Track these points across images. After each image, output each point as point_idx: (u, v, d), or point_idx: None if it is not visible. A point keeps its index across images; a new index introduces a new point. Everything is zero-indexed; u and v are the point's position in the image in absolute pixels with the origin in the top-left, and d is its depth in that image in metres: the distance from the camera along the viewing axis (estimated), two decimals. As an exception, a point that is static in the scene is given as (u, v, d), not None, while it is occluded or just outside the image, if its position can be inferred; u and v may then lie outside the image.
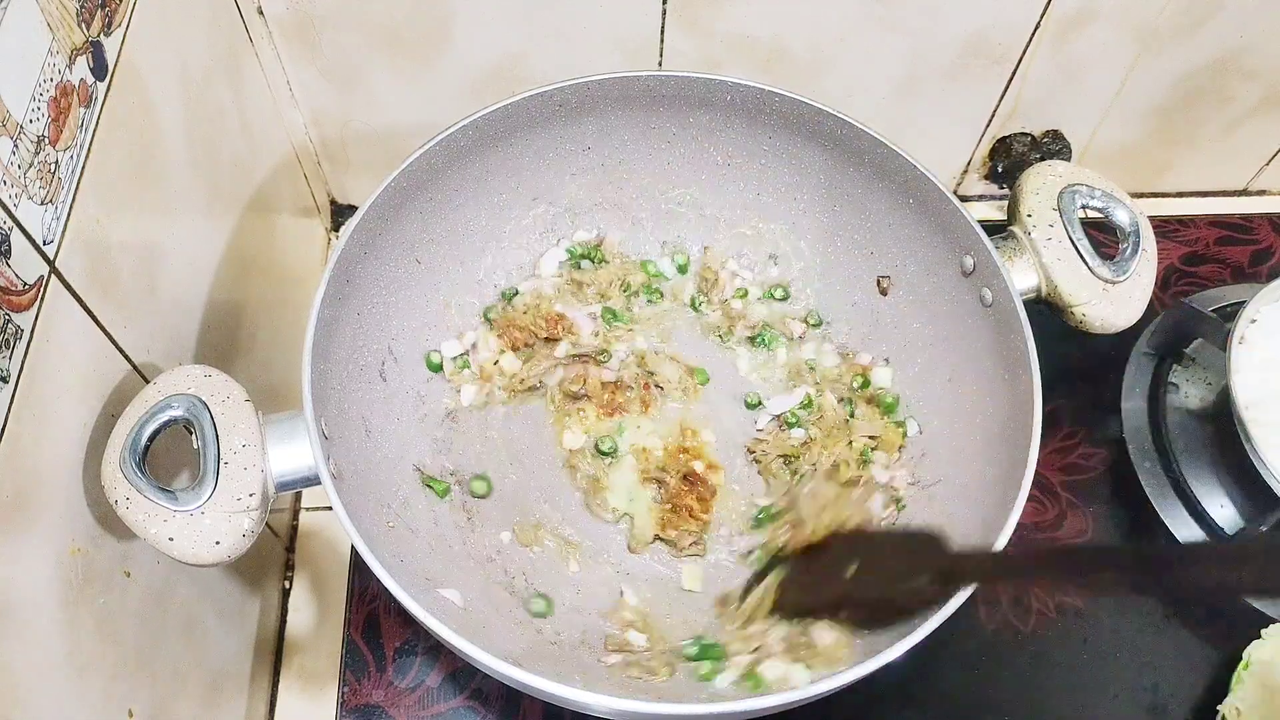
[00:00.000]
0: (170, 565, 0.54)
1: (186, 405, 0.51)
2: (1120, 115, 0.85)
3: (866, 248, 0.71)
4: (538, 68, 0.75)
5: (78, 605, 0.46)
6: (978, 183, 0.93)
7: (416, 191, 0.64)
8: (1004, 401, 0.60)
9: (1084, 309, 0.63)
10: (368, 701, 0.67)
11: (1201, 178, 0.94)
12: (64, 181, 0.45)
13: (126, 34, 0.51)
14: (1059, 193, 0.64)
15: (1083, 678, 0.69)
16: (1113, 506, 0.76)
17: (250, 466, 0.50)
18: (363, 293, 0.62)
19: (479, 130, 0.64)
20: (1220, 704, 0.66)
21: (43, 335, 0.43)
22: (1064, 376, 0.67)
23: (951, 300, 0.66)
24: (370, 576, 0.50)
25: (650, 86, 0.67)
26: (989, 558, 0.54)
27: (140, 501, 0.47)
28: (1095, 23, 0.76)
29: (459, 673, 0.68)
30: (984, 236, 0.62)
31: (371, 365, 0.64)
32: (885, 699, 0.68)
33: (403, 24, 0.71)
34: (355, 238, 0.59)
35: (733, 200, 0.74)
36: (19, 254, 0.41)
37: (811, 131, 0.67)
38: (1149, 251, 0.64)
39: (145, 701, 0.52)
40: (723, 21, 0.73)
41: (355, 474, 0.58)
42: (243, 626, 0.66)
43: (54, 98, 0.44)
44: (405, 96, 0.77)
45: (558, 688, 0.48)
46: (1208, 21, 0.77)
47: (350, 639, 0.69)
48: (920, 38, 0.76)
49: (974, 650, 0.70)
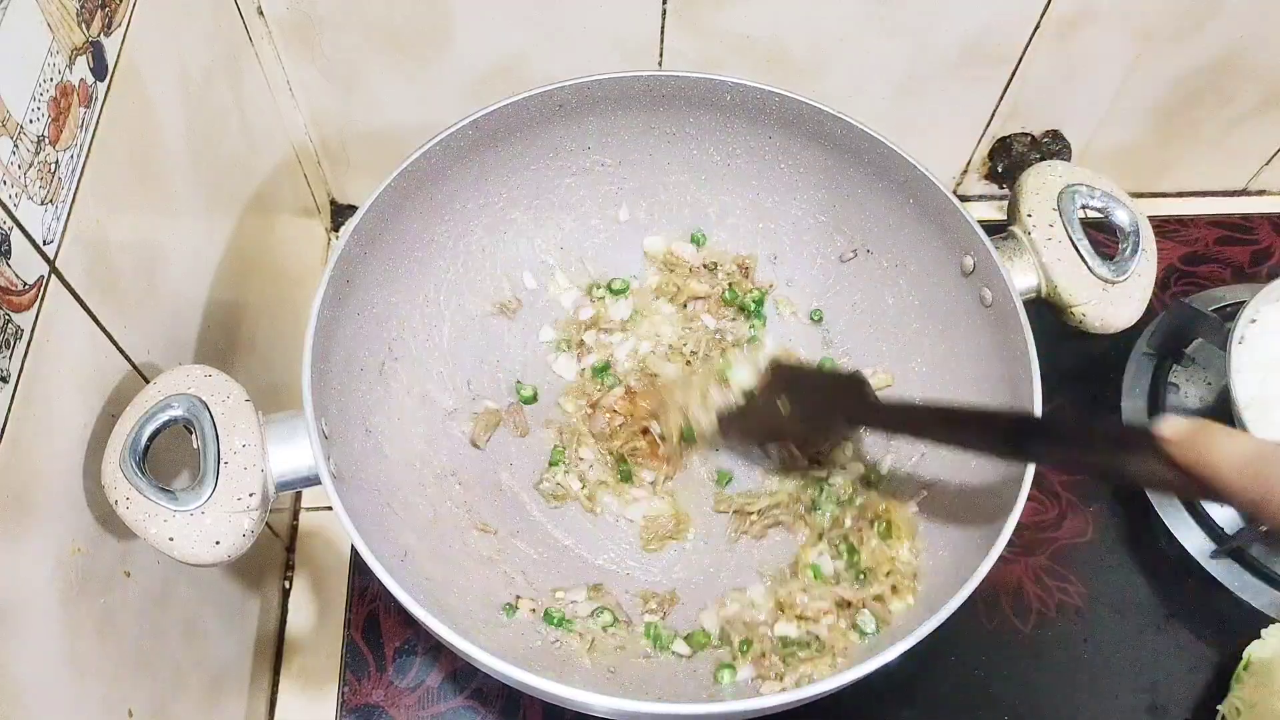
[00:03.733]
0: (170, 565, 0.54)
1: (186, 405, 0.51)
2: (1120, 115, 0.85)
3: (866, 247, 0.71)
4: (538, 68, 0.75)
5: (78, 605, 0.46)
6: (978, 183, 0.93)
7: (416, 191, 0.64)
8: (1004, 401, 0.60)
9: (1084, 309, 0.63)
10: (368, 701, 0.67)
11: (1201, 178, 0.94)
12: (64, 181, 0.45)
13: (126, 34, 0.51)
14: (1059, 193, 0.64)
15: (1083, 678, 0.69)
16: (1113, 506, 0.76)
17: (250, 466, 0.50)
18: (363, 293, 0.62)
19: (479, 130, 0.64)
20: (1220, 704, 0.66)
21: (43, 335, 0.43)
22: (1064, 376, 0.67)
23: (951, 300, 0.66)
24: (370, 576, 0.50)
25: (650, 86, 0.67)
26: (896, 409, 0.65)
27: (140, 501, 0.47)
28: (1095, 23, 0.76)
29: (459, 673, 0.68)
30: (984, 236, 0.62)
31: (371, 365, 0.64)
32: (885, 699, 0.68)
33: (403, 24, 0.71)
34: (355, 238, 0.59)
35: (733, 200, 0.74)
36: (19, 254, 0.41)
37: (811, 131, 0.67)
38: (1149, 251, 0.64)
39: (145, 701, 0.52)
40: (723, 21, 0.73)
41: (355, 474, 0.58)
42: (243, 626, 0.66)
43: (54, 98, 0.44)
44: (405, 96, 0.77)
45: (558, 688, 0.48)
46: (1208, 21, 0.77)
47: (350, 639, 0.69)
48: (920, 38, 0.76)
49: (974, 650, 0.70)
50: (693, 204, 0.75)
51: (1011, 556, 0.73)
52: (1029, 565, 0.73)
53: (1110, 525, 0.75)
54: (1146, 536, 0.74)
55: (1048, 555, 0.74)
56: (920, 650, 0.49)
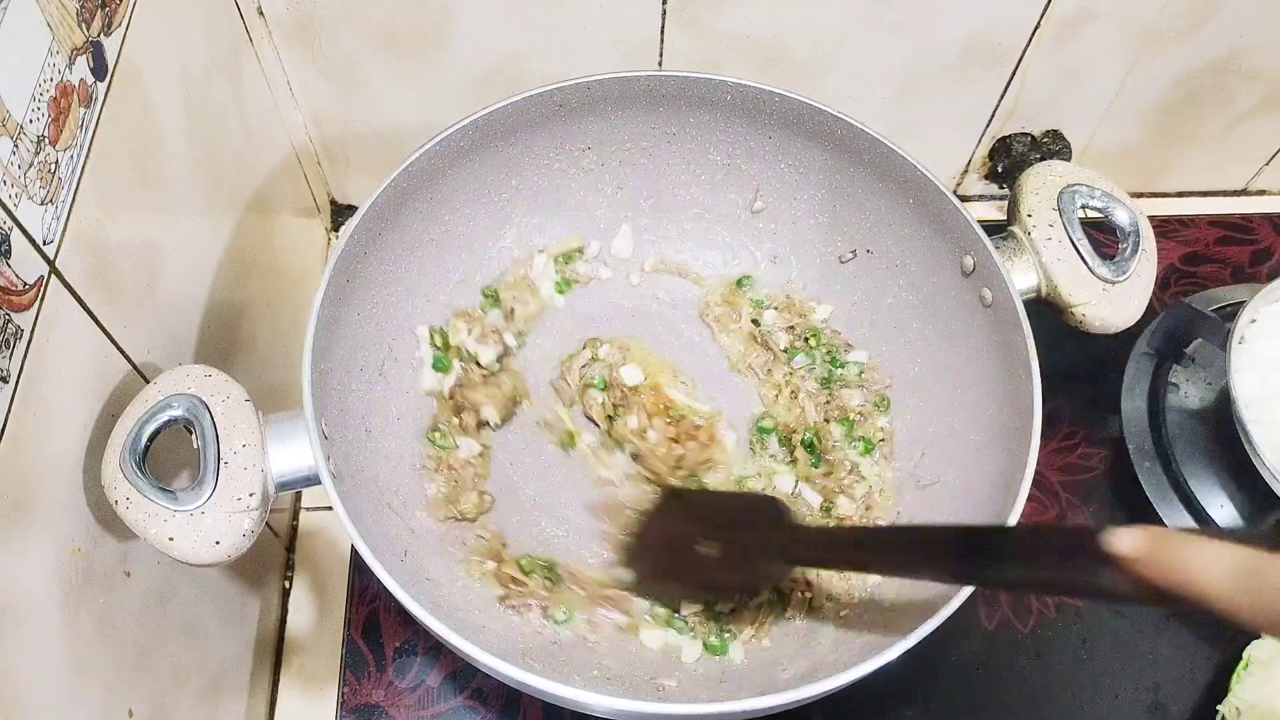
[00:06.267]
0: (170, 565, 0.54)
1: (186, 405, 0.51)
2: (1120, 115, 0.85)
3: (866, 247, 0.71)
4: (538, 68, 0.75)
5: (78, 605, 0.46)
6: (978, 183, 0.93)
7: (416, 191, 0.64)
8: (1004, 401, 0.60)
9: (1084, 309, 0.63)
10: (368, 701, 0.67)
11: (1201, 178, 0.94)
12: (64, 181, 0.45)
13: (126, 34, 0.51)
14: (1059, 193, 0.64)
15: (1083, 678, 0.69)
16: (1113, 506, 0.76)
17: (250, 466, 0.50)
18: (363, 293, 0.62)
19: (479, 130, 0.64)
20: (1220, 704, 0.66)
21: (43, 335, 0.43)
22: (1064, 376, 0.67)
23: (951, 300, 0.66)
24: (370, 576, 0.50)
25: (650, 86, 0.67)
26: (823, 535, 0.61)
27: (140, 501, 0.47)
28: (1095, 23, 0.76)
29: (459, 673, 0.68)
30: (984, 236, 0.62)
31: (371, 365, 0.64)
32: (885, 699, 0.68)
33: (403, 24, 0.71)
34: (355, 238, 0.59)
35: (733, 200, 0.74)
36: (19, 254, 0.41)
37: (811, 131, 0.67)
38: (1149, 251, 0.64)
39: (145, 701, 0.52)
40: (723, 21, 0.73)
41: (355, 474, 0.58)
42: (243, 626, 0.66)
43: (54, 98, 0.44)
44: (405, 96, 0.77)
45: (558, 688, 0.48)
46: (1208, 22, 0.77)
47: (350, 639, 0.69)
48: (920, 38, 0.76)
49: (974, 650, 0.70)
50: (693, 204, 0.75)
51: (1011, 556, 0.73)
52: (1029, 565, 0.73)
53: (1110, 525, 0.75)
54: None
55: (1048, 555, 0.73)
56: (920, 650, 0.49)
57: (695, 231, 0.76)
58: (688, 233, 0.76)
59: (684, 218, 0.76)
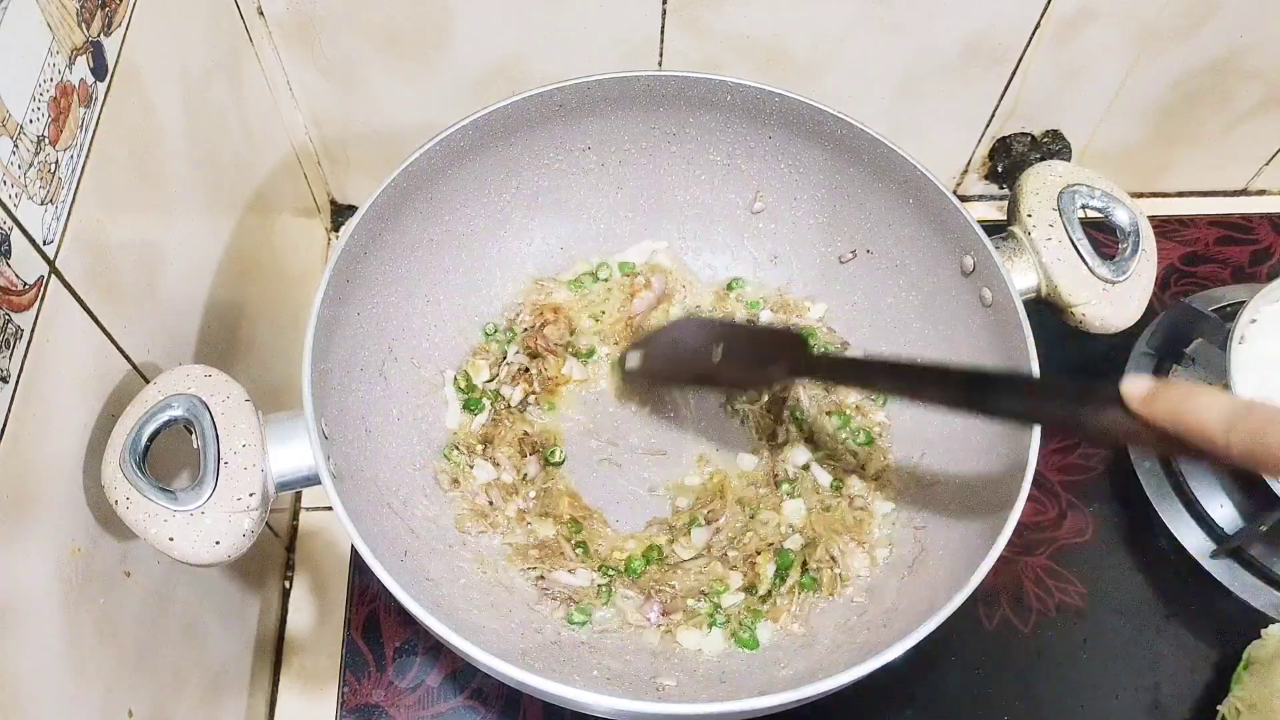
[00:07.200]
0: (170, 565, 0.54)
1: (186, 405, 0.51)
2: (1120, 115, 0.85)
3: (866, 247, 0.71)
4: (538, 68, 0.75)
5: (78, 605, 0.46)
6: (978, 183, 0.93)
7: (416, 191, 0.64)
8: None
9: (1084, 309, 0.63)
10: (368, 701, 0.67)
11: (1201, 178, 0.94)
12: (64, 181, 0.45)
13: (126, 34, 0.51)
14: (1059, 193, 0.64)
15: (1083, 678, 0.69)
16: (1113, 506, 0.76)
17: (250, 466, 0.50)
18: (363, 293, 0.62)
19: (479, 130, 0.64)
20: (1220, 704, 0.66)
21: (43, 335, 0.43)
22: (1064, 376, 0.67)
23: (951, 300, 0.66)
24: (370, 576, 0.50)
25: (650, 86, 0.67)
26: (836, 361, 0.66)
27: (140, 501, 0.47)
28: (1095, 23, 0.76)
29: (459, 673, 0.68)
30: (984, 236, 0.62)
31: (372, 365, 0.64)
32: (885, 699, 0.68)
33: (403, 24, 0.71)
34: (355, 238, 0.59)
35: (733, 200, 0.74)
36: (19, 254, 0.41)
37: (811, 131, 0.67)
38: (1149, 251, 0.64)
39: (145, 701, 0.52)
40: (723, 21, 0.73)
41: (355, 474, 0.58)
42: (243, 626, 0.66)
43: (54, 98, 0.44)
44: (405, 96, 0.77)
45: (558, 688, 0.48)
46: (1208, 21, 0.77)
47: (350, 639, 0.69)
48: (920, 38, 0.76)
49: (974, 650, 0.70)
50: (693, 204, 0.75)
51: (1011, 556, 0.73)
52: (1029, 565, 0.73)
53: (1110, 525, 0.75)
54: (1146, 536, 0.74)
55: (1048, 555, 0.74)
56: (920, 650, 0.49)
57: (695, 232, 0.76)
58: (688, 233, 0.76)
59: (684, 218, 0.76)
